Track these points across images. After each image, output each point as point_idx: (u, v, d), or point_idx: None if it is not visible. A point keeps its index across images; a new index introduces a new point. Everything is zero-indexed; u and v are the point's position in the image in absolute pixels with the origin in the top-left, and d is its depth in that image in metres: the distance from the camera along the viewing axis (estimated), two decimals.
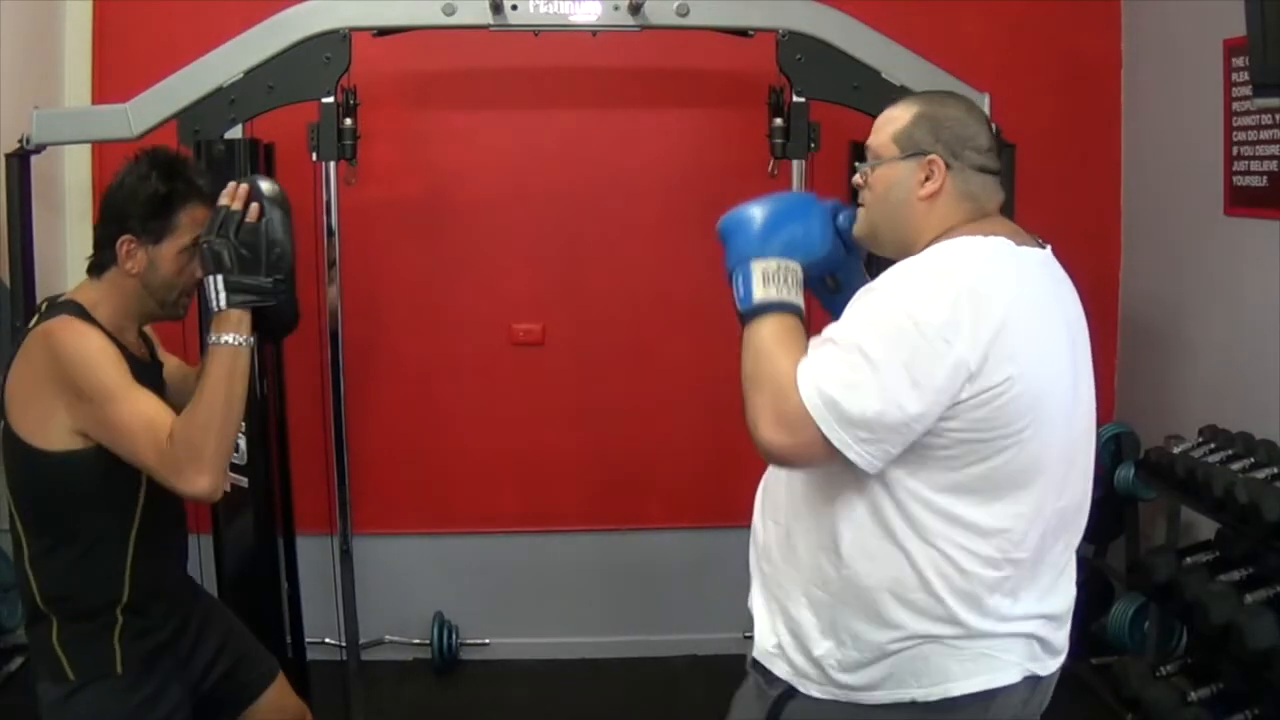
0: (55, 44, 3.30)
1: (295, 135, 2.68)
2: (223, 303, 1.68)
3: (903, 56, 2.71)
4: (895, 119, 1.57)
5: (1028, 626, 1.50)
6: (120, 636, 1.75)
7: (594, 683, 3.43)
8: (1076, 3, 3.52)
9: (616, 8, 2.62)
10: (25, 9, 3.12)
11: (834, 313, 1.51)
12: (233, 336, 1.67)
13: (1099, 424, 3.64)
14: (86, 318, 1.73)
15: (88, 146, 3.28)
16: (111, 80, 3.29)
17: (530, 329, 3.49)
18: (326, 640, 3.17)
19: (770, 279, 1.48)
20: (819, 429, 1.36)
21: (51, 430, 1.67)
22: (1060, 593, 1.56)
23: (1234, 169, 2.98)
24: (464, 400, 3.51)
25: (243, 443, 2.68)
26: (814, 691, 1.50)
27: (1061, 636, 1.59)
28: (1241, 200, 2.97)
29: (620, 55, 3.21)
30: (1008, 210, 2.93)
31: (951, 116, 1.56)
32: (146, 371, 1.81)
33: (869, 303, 1.42)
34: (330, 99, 2.63)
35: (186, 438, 1.61)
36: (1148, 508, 3.31)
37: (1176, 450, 2.86)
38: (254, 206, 1.71)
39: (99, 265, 1.79)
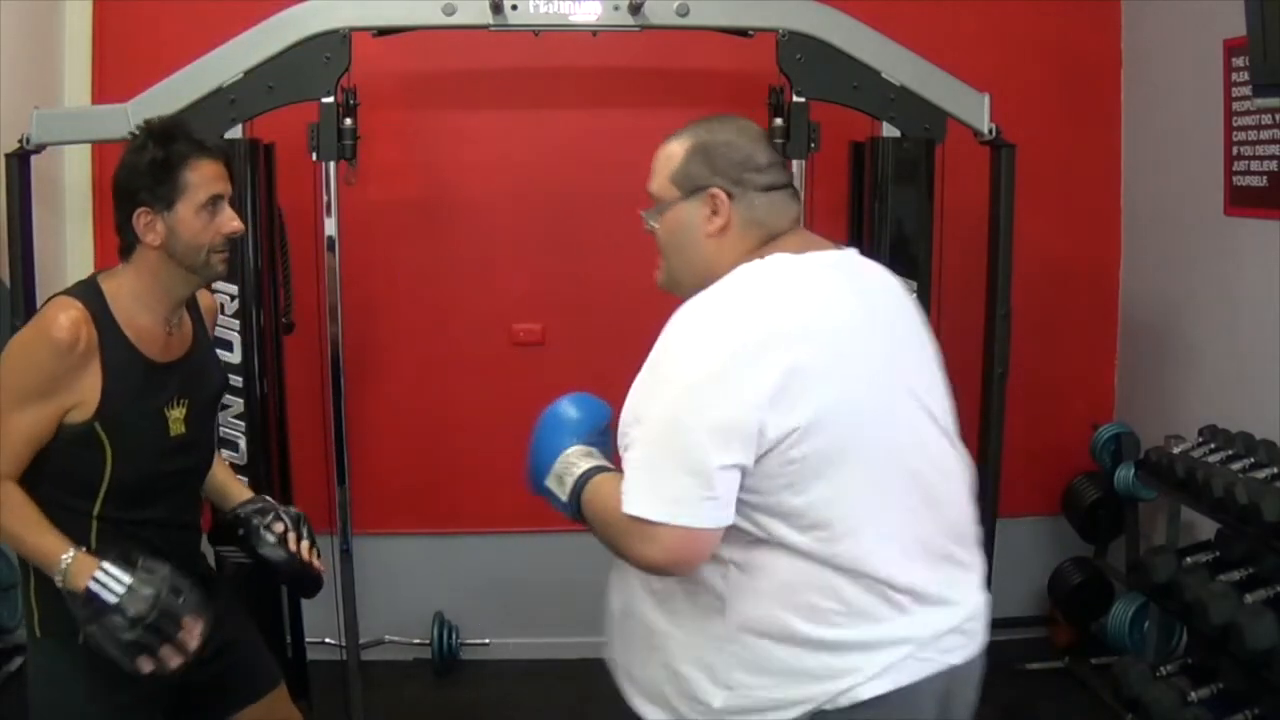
0: (55, 44, 3.30)
1: (295, 135, 2.68)
2: (86, 626, 1.64)
3: (903, 56, 2.72)
4: (670, 157, 1.53)
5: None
6: None
7: (594, 683, 3.41)
8: (1076, 3, 3.52)
9: (616, 8, 2.62)
10: (25, 9, 3.12)
11: None
12: (64, 580, 1.64)
13: (1100, 423, 3.67)
14: (98, 304, 1.71)
15: (88, 146, 3.28)
16: (111, 80, 3.29)
17: (530, 329, 3.49)
18: (326, 640, 3.17)
19: (561, 474, 1.52)
20: (675, 526, 1.34)
21: None
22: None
23: (1234, 169, 2.98)
24: (464, 400, 3.51)
25: (243, 443, 2.69)
26: None
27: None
28: (1241, 200, 2.97)
29: (620, 55, 3.21)
30: (1008, 211, 2.95)
31: (724, 142, 1.51)
32: (152, 372, 1.77)
33: (650, 365, 1.43)
34: (330, 99, 2.63)
35: None
36: (1148, 508, 3.31)
37: (1176, 450, 2.86)
38: (175, 659, 1.67)
39: (125, 248, 1.77)
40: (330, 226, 2.79)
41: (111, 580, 1.62)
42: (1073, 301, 3.62)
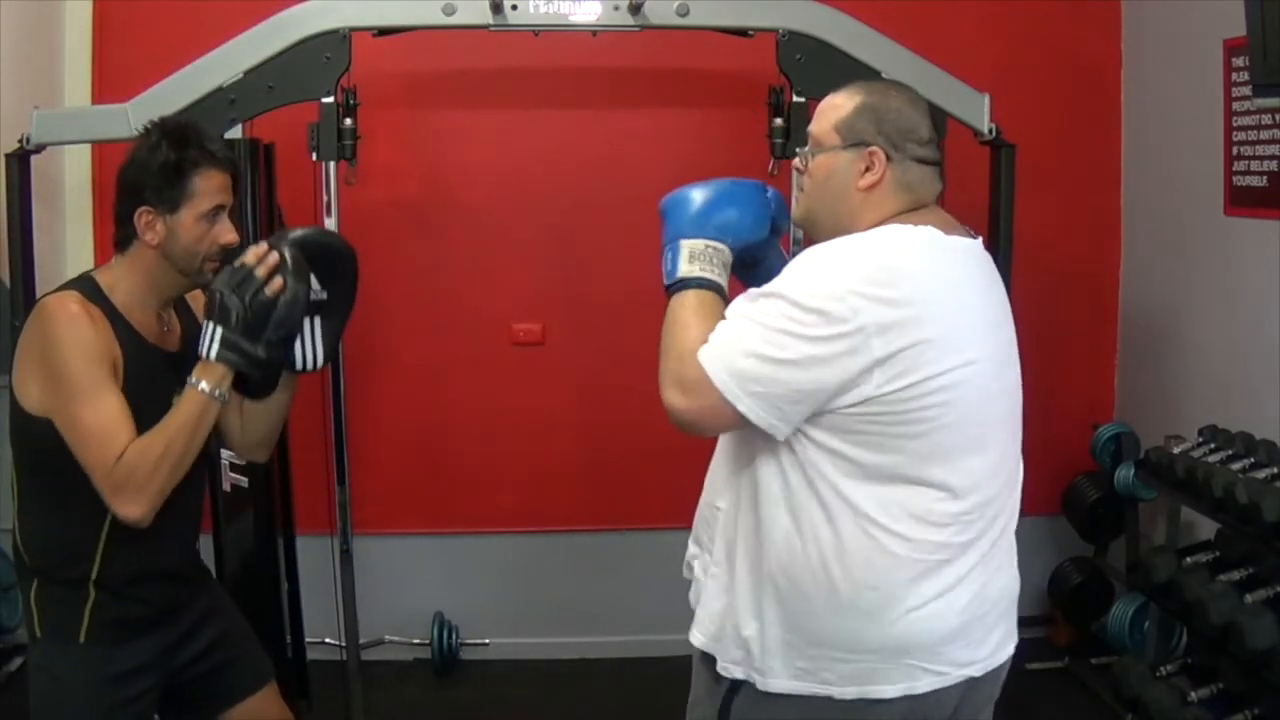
0: (55, 44, 3.30)
1: (295, 135, 2.68)
2: (211, 354, 1.67)
3: (903, 56, 2.71)
4: (838, 107, 1.58)
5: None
6: (91, 609, 1.75)
7: (594, 683, 3.43)
8: (1076, 3, 3.52)
9: (616, 8, 2.62)
10: (25, 9, 3.12)
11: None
12: (211, 387, 1.67)
13: (1100, 423, 3.67)
14: (96, 296, 1.73)
15: (88, 146, 3.28)
16: (111, 80, 3.29)
17: (530, 329, 3.49)
18: (326, 640, 3.17)
19: (697, 257, 1.52)
20: (715, 388, 1.41)
21: (31, 394, 1.70)
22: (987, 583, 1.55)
23: (1234, 169, 2.98)
24: (464, 400, 3.51)
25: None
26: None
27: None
28: (1241, 200, 2.97)
29: (620, 55, 3.21)
30: (1008, 211, 2.95)
31: (894, 108, 1.55)
32: (158, 359, 1.78)
33: (781, 281, 1.44)
34: (330, 99, 2.63)
35: (136, 464, 1.63)
36: (1148, 508, 3.31)
37: (1176, 450, 2.86)
38: (277, 280, 1.69)
39: (122, 241, 1.78)
40: (330, 226, 2.79)
41: (211, 340, 1.68)
42: (1073, 301, 3.62)
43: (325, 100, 2.63)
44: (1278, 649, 2.31)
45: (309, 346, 1.84)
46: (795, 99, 2.71)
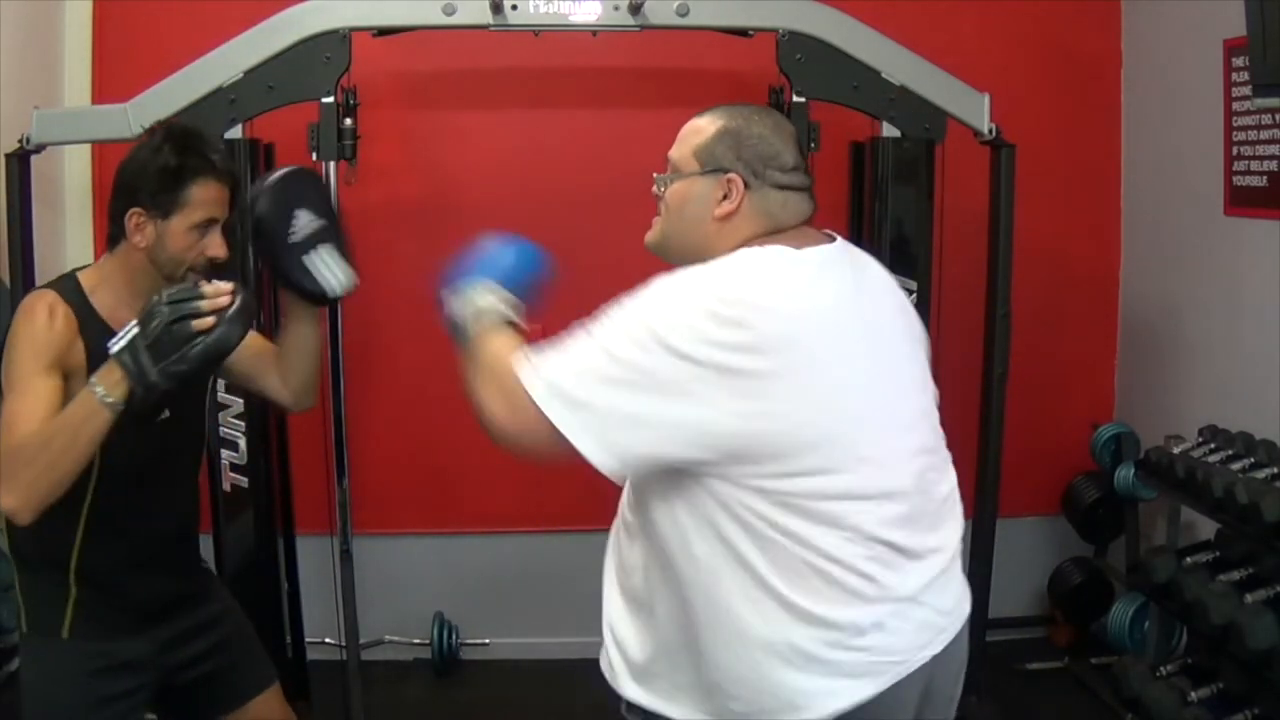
0: (55, 44, 3.30)
1: (295, 135, 2.68)
2: (113, 349, 1.58)
3: (903, 56, 2.71)
4: (699, 131, 1.54)
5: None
6: (73, 604, 1.75)
7: (594, 683, 3.42)
8: (1076, 3, 3.52)
9: (616, 8, 2.62)
10: (25, 9, 3.12)
11: None
12: (104, 391, 1.56)
13: (1100, 423, 3.67)
14: (74, 295, 1.72)
15: (88, 146, 3.28)
16: (111, 80, 3.28)
17: (530, 329, 3.48)
18: (326, 640, 3.17)
19: (477, 299, 1.60)
20: (539, 409, 1.39)
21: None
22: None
23: (1234, 169, 2.98)
24: (464, 400, 3.49)
25: (243, 443, 2.69)
26: None
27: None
28: (1241, 200, 2.97)
29: (620, 55, 3.21)
30: (1008, 211, 2.95)
31: (756, 134, 1.52)
32: None
33: (623, 307, 1.43)
34: (330, 99, 2.63)
35: (14, 452, 1.57)
36: (1148, 508, 3.31)
37: (1176, 450, 2.87)
38: (209, 319, 1.59)
39: (112, 238, 1.76)
40: None
41: (121, 338, 1.59)
42: (1073, 301, 3.62)
43: (325, 100, 2.63)
44: (1278, 649, 2.31)
45: (331, 272, 1.87)
46: (795, 99, 2.71)
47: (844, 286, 1.49)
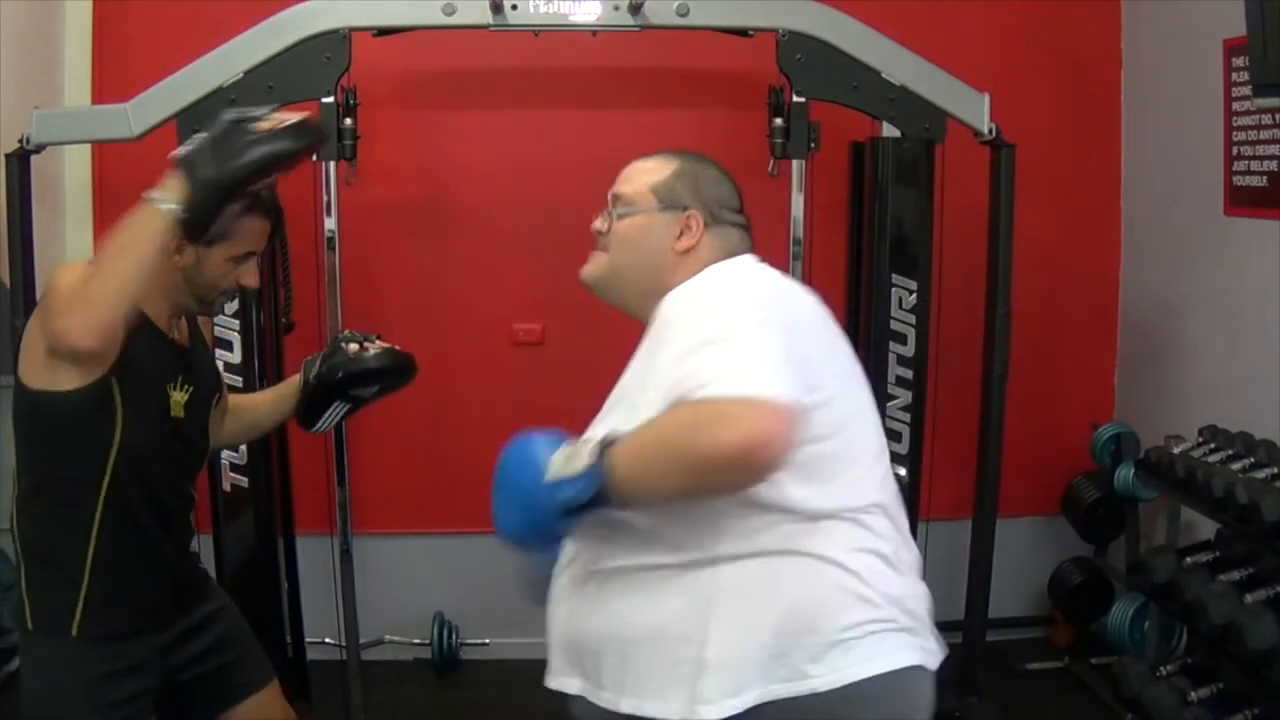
0: (55, 44, 3.30)
1: None
2: (180, 152, 1.58)
3: (903, 56, 2.72)
4: (652, 170, 1.61)
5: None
6: (85, 601, 1.74)
7: None
8: (1076, 3, 3.52)
9: (616, 8, 2.62)
10: (25, 9, 3.12)
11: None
12: (159, 194, 1.55)
13: (1100, 423, 3.67)
14: None
15: (88, 146, 3.28)
16: (111, 80, 3.28)
17: (530, 329, 3.49)
18: (326, 640, 3.17)
19: (573, 457, 1.33)
20: (748, 397, 1.23)
21: (33, 362, 1.67)
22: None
23: (1234, 169, 2.98)
24: (464, 400, 3.50)
25: (243, 444, 2.69)
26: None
27: None
28: (1241, 200, 2.97)
29: (620, 55, 3.21)
30: (1008, 211, 2.96)
31: (712, 177, 1.61)
32: (163, 345, 1.77)
33: (696, 313, 1.41)
34: (330, 99, 2.63)
35: (85, 277, 1.54)
36: (1148, 508, 3.31)
37: (1176, 450, 2.86)
38: (270, 121, 1.59)
39: None
40: (330, 226, 2.79)
41: (185, 147, 1.59)
42: (1073, 301, 3.62)
43: (325, 100, 2.63)
44: (1278, 649, 2.31)
45: (329, 422, 2.03)
46: (795, 99, 2.71)
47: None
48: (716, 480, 1.27)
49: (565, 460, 1.33)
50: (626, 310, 1.62)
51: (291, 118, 1.63)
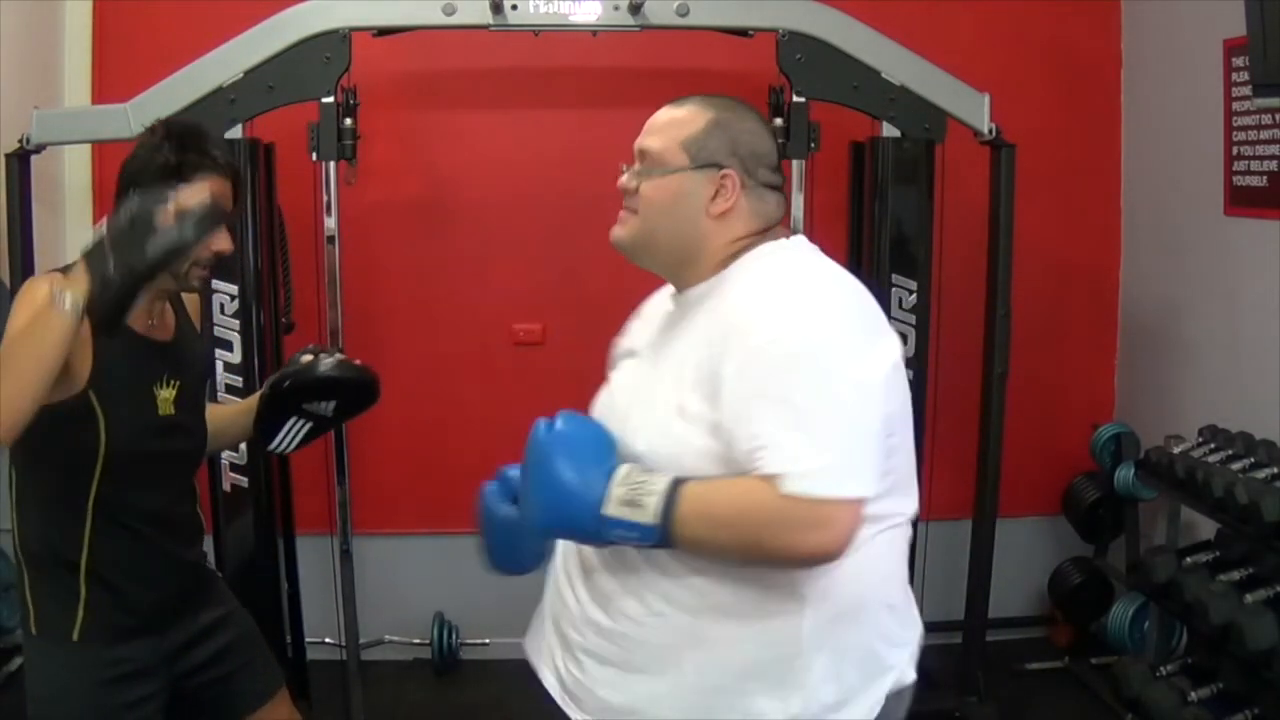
0: (55, 44, 3.30)
1: (295, 135, 2.68)
2: (84, 247, 1.55)
3: (903, 56, 2.72)
4: (684, 122, 1.46)
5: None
6: (85, 604, 1.74)
7: None
8: (1076, 3, 3.52)
9: (616, 8, 2.62)
10: (25, 9, 3.12)
11: None
12: (59, 287, 1.53)
13: (1100, 423, 3.67)
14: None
15: (88, 146, 3.28)
16: (111, 80, 3.28)
17: (530, 329, 3.49)
18: (326, 640, 3.17)
19: (635, 501, 1.27)
20: (843, 500, 1.22)
21: None
22: None
23: (1234, 169, 2.98)
24: (464, 400, 3.51)
25: (243, 443, 2.69)
26: None
27: None
28: (1241, 200, 2.97)
29: (620, 55, 3.21)
30: (1008, 211, 2.96)
31: (748, 129, 1.45)
32: (143, 347, 1.77)
33: (765, 363, 1.27)
34: (330, 99, 2.63)
35: None
36: (1148, 508, 3.31)
37: (1176, 450, 2.86)
38: (170, 215, 1.57)
39: None
40: (330, 226, 2.79)
41: (92, 240, 1.55)
42: (1073, 301, 3.62)
43: (325, 100, 2.63)
44: (1278, 649, 2.31)
45: (288, 440, 1.94)
46: (795, 99, 2.71)
47: None
48: (781, 564, 1.28)
49: (626, 492, 1.27)
50: (661, 275, 1.51)
51: (194, 202, 1.62)
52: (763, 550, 1.25)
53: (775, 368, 1.26)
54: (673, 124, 1.47)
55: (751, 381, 1.26)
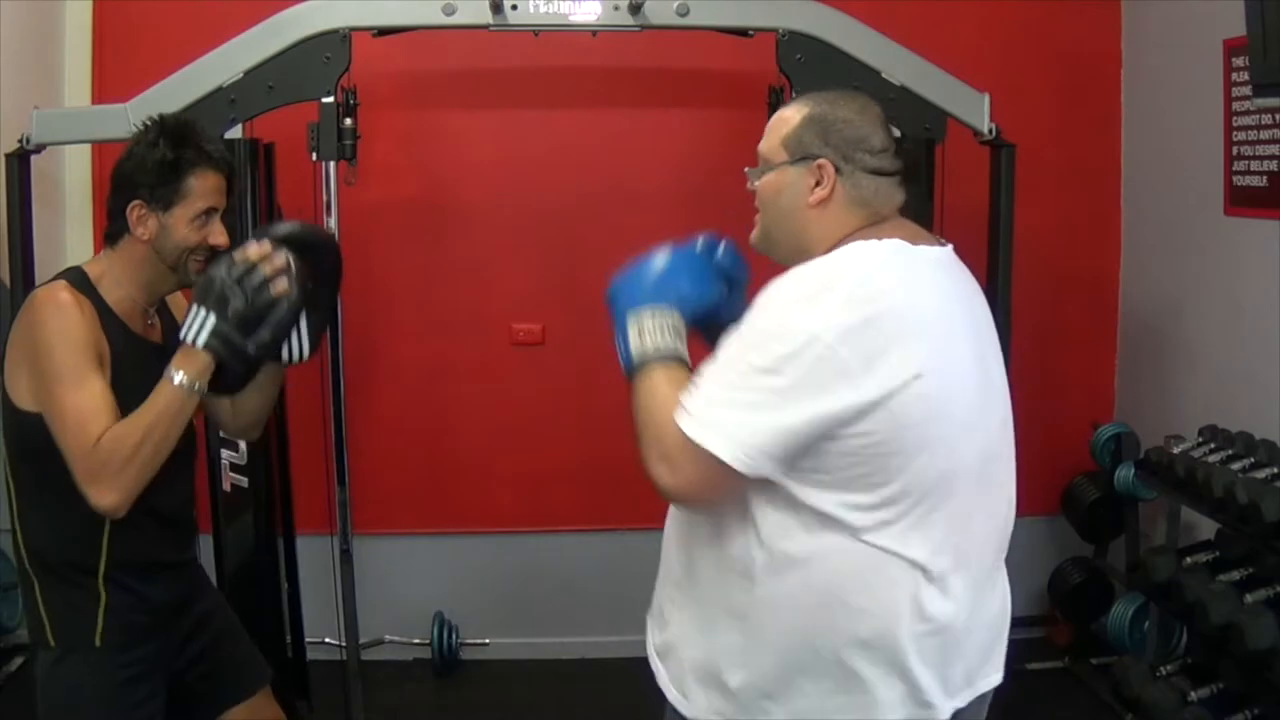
0: (55, 44, 3.30)
1: (295, 135, 2.68)
2: (199, 341, 1.64)
3: (903, 56, 2.71)
4: (786, 120, 1.52)
5: None
6: (105, 610, 1.75)
7: (594, 683, 3.43)
8: (1076, 3, 3.52)
9: (616, 8, 2.62)
10: (25, 9, 3.12)
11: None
12: (191, 380, 1.65)
13: (1100, 423, 3.66)
14: (85, 287, 1.73)
15: (88, 146, 3.28)
16: (111, 80, 3.29)
17: (530, 329, 3.49)
18: (326, 640, 3.17)
19: (646, 331, 1.47)
20: (705, 451, 1.33)
21: (21, 387, 1.69)
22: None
23: (1234, 169, 2.98)
24: (464, 400, 3.51)
25: (242, 443, 2.68)
26: None
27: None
28: (1241, 200, 2.97)
29: (620, 55, 3.21)
30: (1008, 211, 2.95)
31: (843, 118, 1.49)
32: (145, 350, 1.78)
33: (748, 322, 1.39)
34: (330, 99, 2.63)
35: (112, 451, 1.61)
36: (1148, 508, 3.31)
37: (1176, 450, 2.87)
38: (283, 282, 1.68)
39: (113, 234, 1.78)
40: (330, 226, 2.79)
41: (196, 326, 1.66)
42: (1073, 301, 3.62)
43: (325, 100, 2.63)
44: (1278, 649, 2.31)
45: (296, 339, 1.83)
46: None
47: (959, 291, 1.48)
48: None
49: (648, 327, 1.48)
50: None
51: (277, 258, 1.70)
52: (639, 448, 1.41)
53: (738, 334, 1.40)
54: (777, 124, 1.55)
55: (738, 335, 1.40)
